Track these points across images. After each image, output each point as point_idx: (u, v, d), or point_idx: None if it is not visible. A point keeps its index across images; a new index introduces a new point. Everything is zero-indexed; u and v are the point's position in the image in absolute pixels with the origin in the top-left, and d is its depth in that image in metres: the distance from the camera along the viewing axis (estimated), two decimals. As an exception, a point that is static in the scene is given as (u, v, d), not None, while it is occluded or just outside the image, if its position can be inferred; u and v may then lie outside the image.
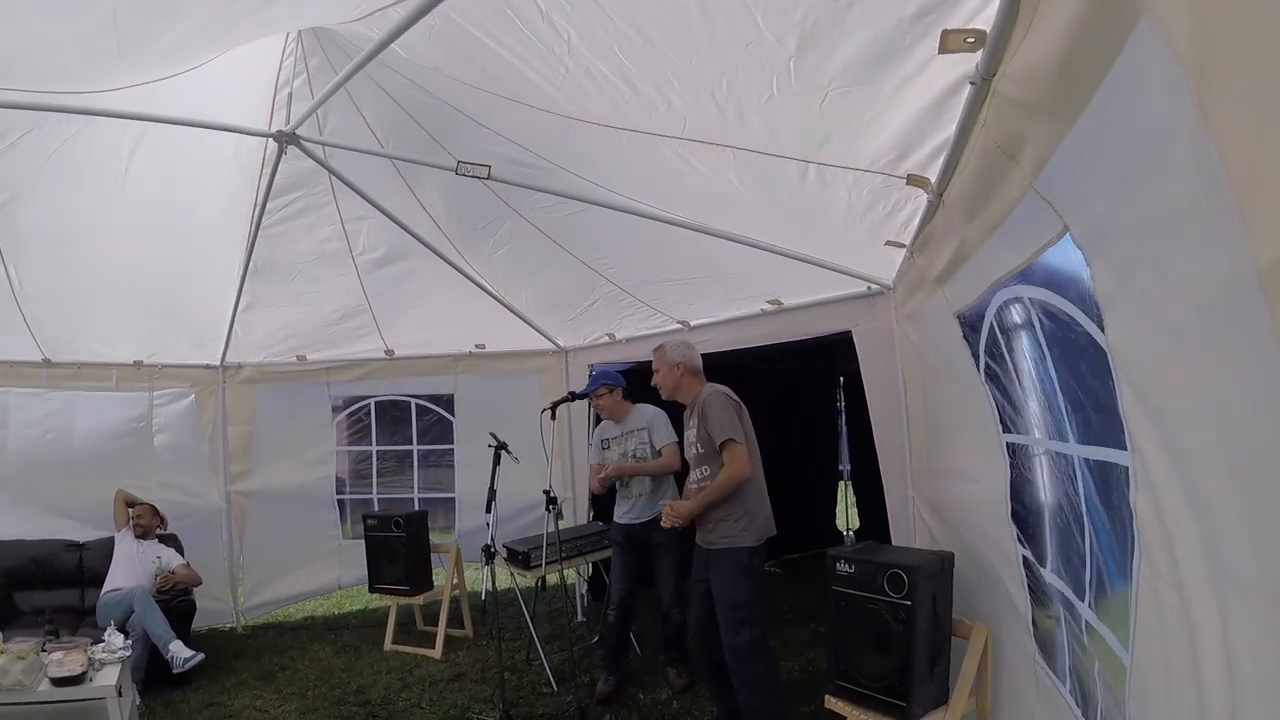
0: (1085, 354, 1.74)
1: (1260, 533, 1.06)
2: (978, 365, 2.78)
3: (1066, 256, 1.68)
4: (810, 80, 2.08)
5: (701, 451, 3.98)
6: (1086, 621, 2.21)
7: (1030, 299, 2.09)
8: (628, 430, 5.10)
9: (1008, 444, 2.71)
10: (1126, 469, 1.59)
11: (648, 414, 5.06)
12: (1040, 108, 1.48)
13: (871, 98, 2.05)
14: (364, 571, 6.31)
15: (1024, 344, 2.34)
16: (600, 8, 2.12)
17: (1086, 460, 2.01)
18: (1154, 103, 1.10)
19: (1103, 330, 1.55)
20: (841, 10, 1.74)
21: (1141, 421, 1.45)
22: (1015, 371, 2.52)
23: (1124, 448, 1.58)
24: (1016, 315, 2.31)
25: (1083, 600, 2.22)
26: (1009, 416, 2.70)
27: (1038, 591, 2.69)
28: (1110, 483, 1.81)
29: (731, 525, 3.86)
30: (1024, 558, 2.75)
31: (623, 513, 5.09)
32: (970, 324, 2.75)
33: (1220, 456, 1.16)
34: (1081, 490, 2.09)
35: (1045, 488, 2.54)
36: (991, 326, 2.55)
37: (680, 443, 4.75)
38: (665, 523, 4.03)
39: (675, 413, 4.63)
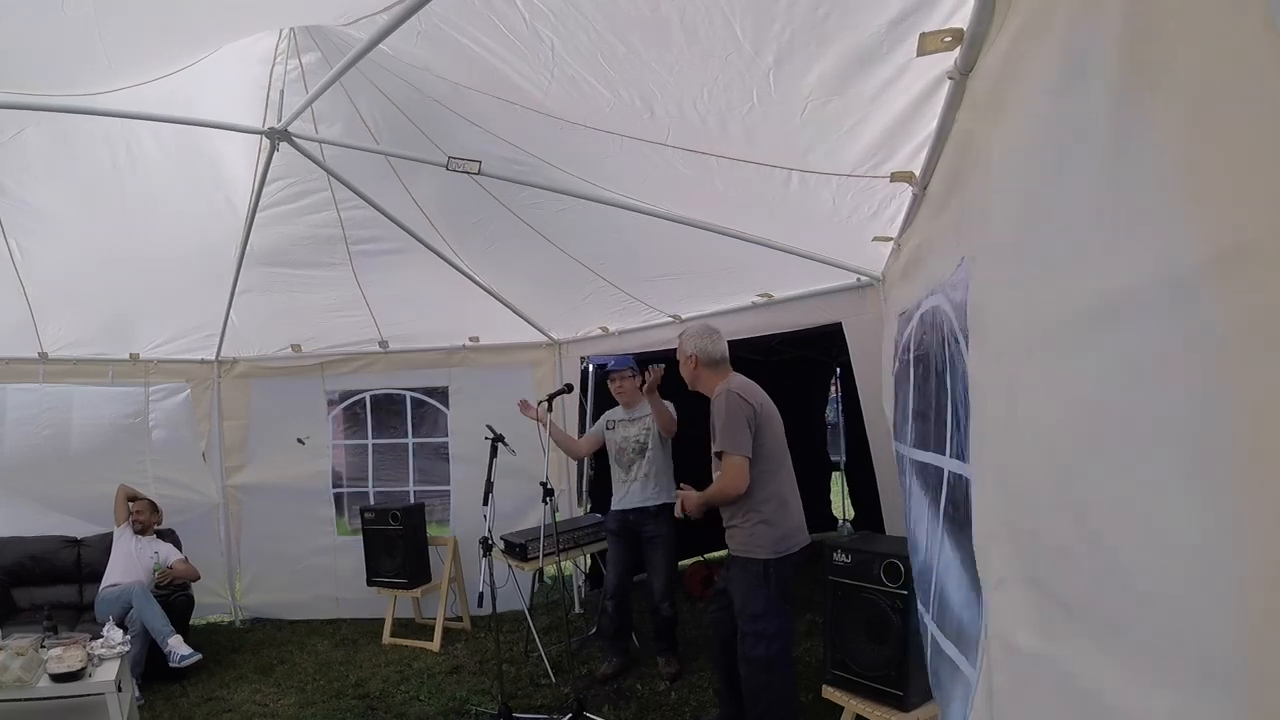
0: (960, 371, 1.74)
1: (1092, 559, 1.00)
2: (893, 367, 2.80)
3: (967, 275, 1.67)
4: (789, 92, 2.08)
5: (714, 454, 3.74)
6: (933, 636, 2.22)
7: (941, 310, 2.08)
8: (634, 417, 5.20)
9: (895, 450, 2.72)
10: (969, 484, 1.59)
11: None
12: (985, 108, 1.46)
13: (851, 106, 2.05)
14: (361, 575, 6.36)
15: (930, 351, 2.33)
16: (582, 15, 2.12)
17: (954, 474, 2.01)
18: (1081, 96, 1.04)
19: (966, 354, 1.55)
20: (818, 22, 1.73)
21: (979, 441, 1.44)
22: (913, 378, 2.52)
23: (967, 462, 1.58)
24: (931, 322, 2.30)
25: (929, 612, 2.23)
26: (898, 424, 2.71)
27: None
28: (967, 500, 1.81)
29: (745, 535, 3.64)
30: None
31: (619, 499, 5.17)
32: (902, 325, 2.76)
33: (1051, 477, 1.11)
34: (944, 502, 2.09)
35: (909, 496, 2.54)
36: (912, 329, 2.56)
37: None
38: (676, 512, 3.94)
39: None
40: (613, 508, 5.24)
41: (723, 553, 5.19)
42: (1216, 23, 0.74)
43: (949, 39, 1.54)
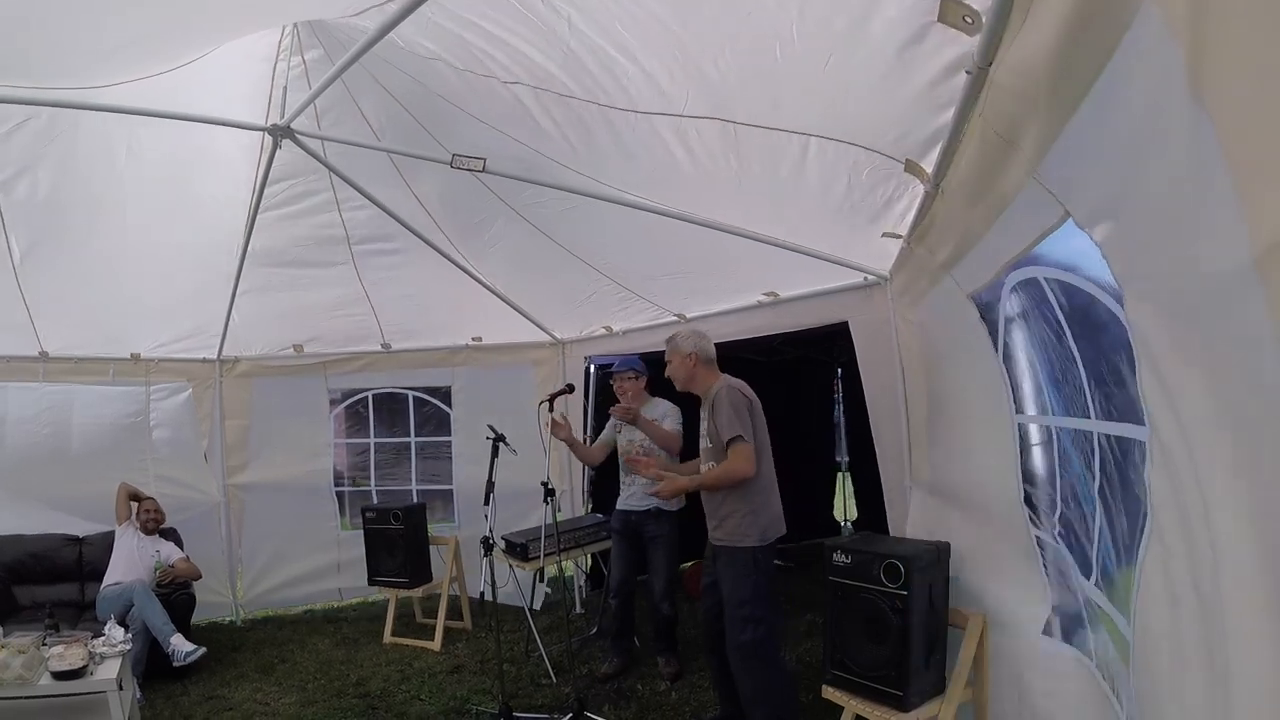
0: (1106, 330, 1.76)
1: (1261, 526, 1.06)
2: (995, 345, 2.78)
3: (1075, 239, 1.70)
4: (813, 43, 2.06)
5: (710, 447, 3.89)
6: (1089, 599, 2.22)
7: (1045, 279, 2.11)
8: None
9: (1019, 425, 2.72)
10: (1143, 444, 1.59)
11: (664, 407, 5.09)
12: (1039, 97, 1.49)
13: (873, 61, 2.03)
14: (362, 565, 6.34)
15: (1038, 324, 2.35)
16: None
17: (1106, 436, 2.02)
18: (1154, 89, 1.10)
19: (1123, 306, 1.56)
20: None
21: (1157, 397, 1.45)
22: (1025, 351, 2.54)
23: (1142, 423, 1.57)
24: (1031, 295, 2.33)
25: (1089, 579, 2.24)
26: (1019, 396, 2.71)
27: (1052, 571, 2.70)
28: (1128, 458, 1.83)
29: (736, 523, 3.77)
30: (1037, 539, 2.77)
31: (624, 499, 5.18)
32: (986, 304, 2.77)
33: (1220, 439, 1.16)
34: (1098, 467, 2.10)
35: (1055, 467, 2.55)
36: (1007, 306, 2.58)
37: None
38: (657, 490, 4.08)
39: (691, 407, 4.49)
40: (617, 507, 5.25)
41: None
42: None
43: (969, 19, 1.53)
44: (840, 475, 9.12)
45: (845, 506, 8.94)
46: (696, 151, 3.03)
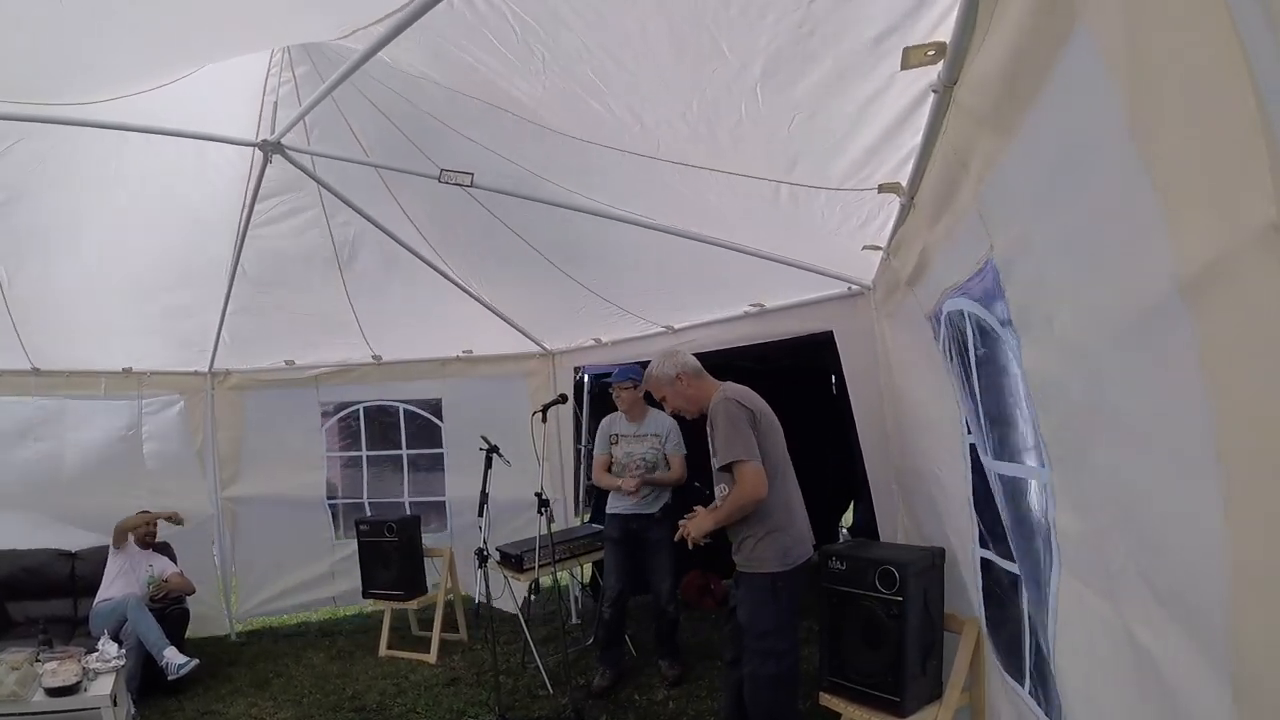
0: (1007, 373, 1.77)
1: (1170, 557, 1.09)
2: (949, 366, 2.82)
3: (996, 274, 1.70)
4: (776, 104, 2.11)
5: (717, 468, 3.54)
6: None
7: (967, 313, 2.10)
8: (642, 433, 5.12)
9: (970, 445, 2.74)
10: (1046, 485, 1.61)
11: (666, 423, 5.06)
12: (986, 118, 1.48)
13: (837, 118, 2.08)
14: (357, 579, 6.35)
15: (961, 356, 2.36)
16: (572, 33, 2.14)
17: (1000, 475, 2.06)
18: (1082, 115, 1.10)
19: (1020, 351, 1.58)
20: (803, 37, 1.76)
21: (1058, 441, 1.46)
22: (963, 379, 2.57)
23: (1042, 465, 1.61)
24: (955, 327, 2.31)
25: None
26: (968, 419, 2.75)
27: (999, 593, 2.72)
28: (1027, 497, 1.86)
29: (752, 547, 3.47)
30: (983, 559, 2.79)
31: (616, 501, 5.10)
32: (934, 328, 2.80)
33: (1128, 475, 1.18)
34: (1001, 501, 2.13)
35: (997, 490, 2.60)
36: (944, 334, 2.59)
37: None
38: (686, 533, 3.64)
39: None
40: (609, 511, 5.17)
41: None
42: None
43: (932, 52, 1.56)
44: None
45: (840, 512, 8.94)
46: (675, 184, 3.07)
